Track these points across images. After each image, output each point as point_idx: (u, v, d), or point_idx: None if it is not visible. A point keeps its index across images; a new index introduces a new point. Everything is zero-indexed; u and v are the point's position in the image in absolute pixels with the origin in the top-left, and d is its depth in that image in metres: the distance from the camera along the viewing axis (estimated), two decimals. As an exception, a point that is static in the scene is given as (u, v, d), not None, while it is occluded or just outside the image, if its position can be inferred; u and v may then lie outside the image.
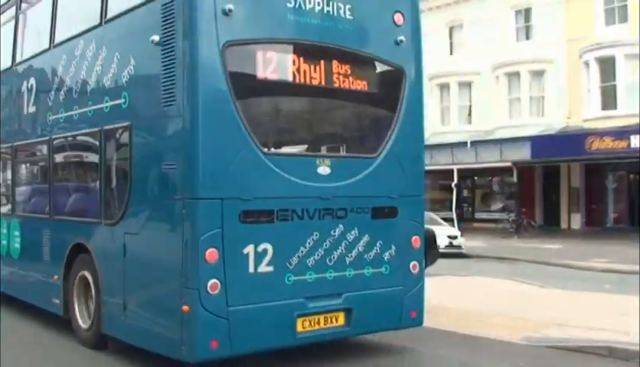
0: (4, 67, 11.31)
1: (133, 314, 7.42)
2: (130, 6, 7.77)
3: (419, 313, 8.22)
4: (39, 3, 10.51)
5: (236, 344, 6.72)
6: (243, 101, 6.91)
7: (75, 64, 8.90)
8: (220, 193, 6.70)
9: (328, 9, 7.61)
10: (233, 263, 6.73)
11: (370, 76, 8.22)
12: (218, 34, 6.75)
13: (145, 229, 7.41)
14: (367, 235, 7.74)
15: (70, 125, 9.09)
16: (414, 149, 8.32)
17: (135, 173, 7.58)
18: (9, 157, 11.17)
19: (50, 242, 9.50)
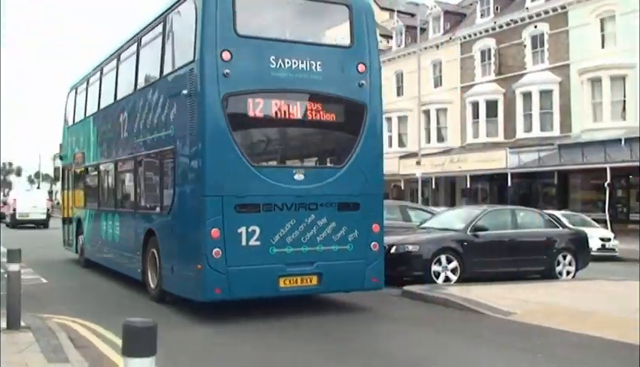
0: (106, 105, 16.57)
1: (176, 274, 11.34)
2: (173, 69, 11.97)
3: (379, 279, 11.54)
4: (127, 60, 15.03)
5: (233, 291, 10.32)
6: (237, 132, 10.66)
7: (147, 104, 13.10)
8: (220, 192, 10.35)
9: (302, 66, 11.16)
10: (231, 238, 10.33)
11: (337, 110, 11.74)
12: (219, 89, 10.46)
13: (181, 217, 11.25)
14: (334, 222, 11.14)
15: (145, 147, 13.34)
16: (374, 160, 11.76)
17: (177, 180, 11.47)
18: (112, 169, 16.09)
19: (134, 229, 13.86)
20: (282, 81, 11.04)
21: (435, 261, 14.44)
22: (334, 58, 11.65)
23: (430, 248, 14.51)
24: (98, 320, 10.19)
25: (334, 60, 11.61)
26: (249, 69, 10.84)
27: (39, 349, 7.77)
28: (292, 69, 11.10)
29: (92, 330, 9.61)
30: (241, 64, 10.70)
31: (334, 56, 11.70)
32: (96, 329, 9.69)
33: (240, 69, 10.67)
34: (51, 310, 11.12)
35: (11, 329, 8.81)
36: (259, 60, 10.91)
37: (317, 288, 11.25)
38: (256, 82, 10.89)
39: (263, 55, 10.96)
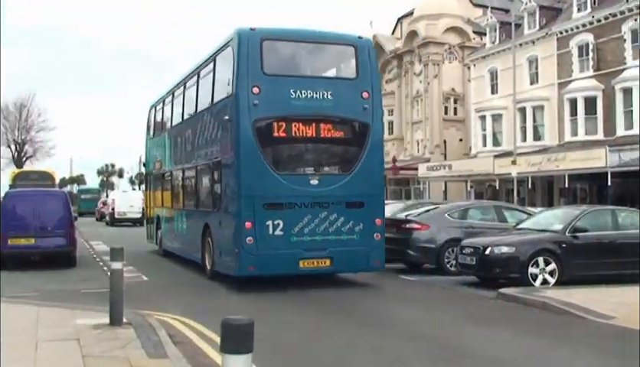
0: (176, 123, 20.44)
1: (222, 257, 14.71)
2: (218, 99, 15.48)
3: (380, 262, 14.70)
4: (190, 88, 18.53)
5: (263, 269, 13.77)
6: (264, 148, 14.07)
7: (203, 125, 16.77)
8: (252, 194, 13.77)
9: (315, 95, 14.38)
10: (260, 229, 13.72)
11: (345, 129, 14.98)
12: (250, 116, 13.93)
13: (225, 213, 14.68)
14: (343, 217, 14.25)
15: (201, 158, 17.01)
16: (376, 168, 14.93)
17: (222, 185, 15.05)
18: (180, 175, 19.82)
19: (195, 223, 17.41)
20: (299, 108, 14.34)
21: (533, 263, 14.08)
22: (342, 88, 14.96)
23: (527, 250, 14.17)
24: (195, 317, 10.46)
25: (343, 89, 14.88)
26: (274, 100, 14.17)
27: (140, 345, 8.03)
28: (307, 98, 14.38)
29: (190, 327, 9.86)
30: (267, 96, 14.08)
31: (342, 87, 15.04)
32: (193, 325, 9.93)
33: (266, 99, 14.07)
34: (151, 307, 11.49)
35: (113, 325, 9.14)
36: (281, 92, 14.20)
37: (329, 269, 14.52)
38: (279, 109, 14.27)
39: (284, 88, 14.26)
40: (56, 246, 18.58)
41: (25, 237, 18.41)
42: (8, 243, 18.30)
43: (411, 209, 20.57)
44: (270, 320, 10.26)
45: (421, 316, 11.17)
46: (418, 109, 53.43)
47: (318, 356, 8.21)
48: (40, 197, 19.40)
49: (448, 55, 51.80)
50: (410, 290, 14.47)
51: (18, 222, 18.56)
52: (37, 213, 18.65)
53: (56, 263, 18.76)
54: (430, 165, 47.35)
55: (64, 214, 19.01)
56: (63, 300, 12.36)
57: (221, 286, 14.81)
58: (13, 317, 9.93)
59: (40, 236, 18.44)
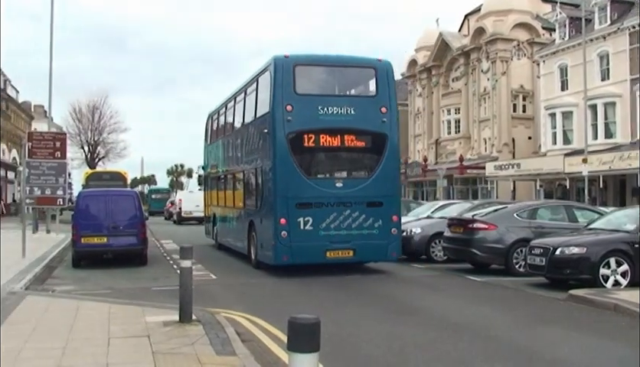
0: (227, 131, 23.30)
1: (263, 248, 17.30)
2: (260, 114, 17.88)
3: (397, 253, 17.12)
4: (239, 103, 21.09)
5: (295, 258, 16.17)
6: (296, 156, 16.47)
7: (248, 135, 19.45)
8: (286, 195, 16.24)
9: (340, 111, 16.78)
10: (293, 225, 16.13)
11: (366, 139, 17.22)
12: (284, 130, 16.36)
13: (265, 210, 17.21)
14: (364, 214, 16.57)
15: (246, 164, 19.58)
16: (393, 172, 17.28)
17: (263, 187, 17.59)
18: (230, 178, 22.53)
19: (242, 220, 19.98)
20: (326, 122, 16.77)
21: (604, 264, 13.74)
22: (363, 104, 17.42)
23: (598, 251, 13.83)
24: (262, 315, 10.59)
25: (364, 105, 17.34)
26: (304, 116, 16.61)
27: (208, 342, 8.17)
28: (333, 114, 16.80)
29: (257, 324, 9.99)
30: (299, 112, 16.57)
31: (363, 103, 17.52)
32: (260, 323, 10.06)
33: (298, 115, 16.56)
34: (219, 305, 11.68)
35: (183, 322, 9.32)
36: (311, 109, 16.67)
37: (353, 259, 16.82)
38: (309, 123, 16.70)
39: (313, 105, 16.74)
40: (128, 245, 19.01)
41: (98, 236, 18.87)
42: (82, 242, 18.81)
43: (478, 208, 20.33)
44: (336, 319, 10.30)
45: (489, 317, 11.04)
46: (485, 107, 52.71)
47: (381, 355, 8.21)
48: (112, 197, 19.85)
49: (517, 51, 50.95)
50: (477, 291, 14.31)
51: (92, 222, 19.05)
52: (110, 213, 19.11)
53: (128, 261, 19.23)
54: (498, 164, 46.67)
55: (136, 213, 19.46)
56: (134, 297, 12.69)
57: (285, 284, 15.04)
58: (87, 314, 10.24)
59: (112, 235, 18.89)
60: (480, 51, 52.61)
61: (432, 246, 20.01)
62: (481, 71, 52.67)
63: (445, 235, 18.37)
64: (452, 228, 17.98)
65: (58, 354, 7.47)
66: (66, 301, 11.85)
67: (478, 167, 49.40)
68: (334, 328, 9.46)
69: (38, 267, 17.07)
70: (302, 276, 16.31)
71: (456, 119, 56.81)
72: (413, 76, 63.35)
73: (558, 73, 44.69)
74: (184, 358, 7.32)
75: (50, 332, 8.78)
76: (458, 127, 56.56)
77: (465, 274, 16.87)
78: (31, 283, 14.57)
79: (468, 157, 52.06)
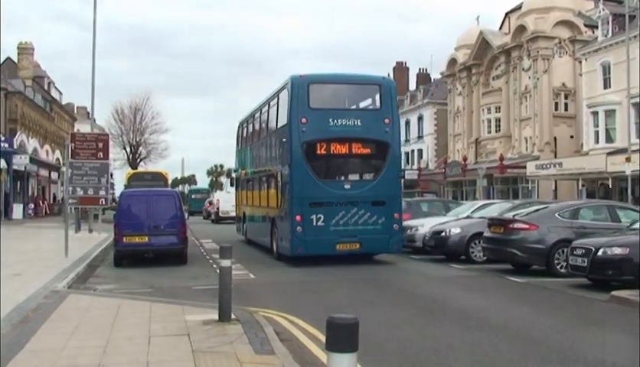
0: (254, 139, 25.85)
1: (282, 242, 19.60)
2: (280, 125, 20.27)
3: (398, 246, 19.49)
4: (263, 114, 23.81)
5: (309, 251, 18.43)
6: (310, 162, 18.82)
7: (270, 143, 22.02)
8: (301, 195, 18.60)
9: (348, 123, 19.15)
10: (307, 221, 18.43)
11: (371, 147, 19.59)
12: (300, 139, 18.74)
13: (284, 209, 19.47)
14: (369, 212, 18.86)
15: (269, 167, 22.18)
16: (394, 176, 19.49)
17: (281, 188, 19.90)
18: (257, 180, 25.00)
19: (266, 218, 22.44)
20: (336, 132, 19.24)
21: (648, 264, 13.47)
22: (369, 116, 19.92)
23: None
24: (301, 315, 10.63)
25: (370, 117, 19.82)
26: (317, 127, 19.03)
27: (247, 341, 8.22)
28: (342, 125, 19.26)
29: (295, 324, 10.03)
30: (312, 124, 18.99)
31: (369, 115, 20.01)
32: (299, 323, 10.10)
33: (311, 127, 18.98)
34: (258, 304, 11.74)
35: (222, 321, 9.39)
36: (322, 121, 19.10)
37: (359, 250, 19.15)
38: (321, 134, 19.16)
39: (325, 118, 19.18)
40: (168, 244, 19.17)
41: (140, 235, 19.07)
42: (124, 241, 19.05)
43: (519, 208, 20.12)
44: (372, 319, 10.29)
45: (529, 318, 10.92)
46: (527, 106, 52.10)
47: (418, 354, 8.17)
48: (153, 197, 20.04)
49: (559, 49, 50.28)
50: (517, 292, 14.16)
51: (133, 221, 19.25)
52: (151, 212, 19.30)
53: (168, 260, 19.42)
54: (539, 163, 46.08)
55: (176, 213, 19.64)
56: (174, 296, 12.84)
57: (323, 284, 15.07)
58: (128, 312, 10.38)
59: (153, 234, 19.09)
60: (521, 49, 52.03)
61: (471, 246, 19.84)
62: (522, 69, 52.09)
63: (484, 236, 18.19)
64: (492, 229, 17.81)
65: (99, 352, 7.58)
66: (107, 300, 12.03)
67: (518, 166, 48.85)
68: (370, 327, 9.45)
69: (80, 266, 17.31)
70: (338, 276, 16.32)
71: (497, 118, 56.25)
72: (453, 75, 62.92)
73: (600, 70, 43.98)
74: (224, 357, 7.38)
75: (91, 331, 8.93)
76: (498, 126, 56.01)
77: (505, 275, 16.70)
78: (74, 282, 14.79)
79: (509, 157, 51.52)
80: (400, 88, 78.25)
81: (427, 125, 70.86)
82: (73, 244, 21.09)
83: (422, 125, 72.15)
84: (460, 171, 55.29)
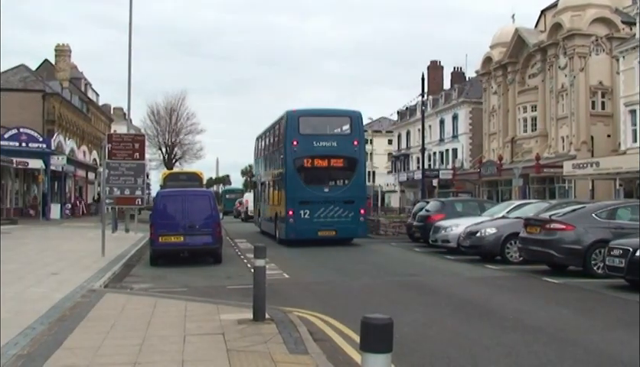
0: (265, 152, 34.07)
1: (281, 230, 27.57)
2: (280, 145, 28.54)
3: (364, 232, 27.78)
4: (270, 135, 32.43)
5: (298, 235, 26.29)
6: (300, 172, 26.96)
7: (275, 156, 30.18)
8: (293, 196, 26.61)
9: (327, 144, 27.16)
10: (297, 215, 26.43)
11: (344, 161, 27.33)
12: (293, 156, 26.92)
13: (282, 206, 27.20)
14: (342, 208, 26.64)
15: (274, 174, 30.16)
16: (361, 183, 27.76)
17: (281, 191, 27.92)
18: (267, 184, 32.68)
19: (272, 212, 30.22)
20: (319, 151, 26.78)
21: (688, 265, 13.24)
22: (342, 139, 27.37)
23: (681, 252, 13.33)
24: (335, 315, 10.64)
25: (343, 140, 27.28)
26: (304, 147, 26.55)
27: (281, 341, 8.25)
28: (323, 146, 26.85)
29: (329, 324, 10.04)
30: (301, 145, 26.49)
31: (342, 138, 27.44)
32: (333, 323, 10.10)
33: (300, 147, 26.53)
34: (292, 304, 11.79)
35: (256, 320, 9.44)
36: (309, 143, 26.65)
37: (335, 236, 26.35)
38: (307, 152, 26.66)
39: (310, 141, 26.71)
40: (203, 244, 19.31)
41: (175, 235, 19.23)
42: (160, 241, 19.20)
43: (555, 208, 19.91)
44: (407, 319, 10.29)
45: (565, 319, 10.80)
46: (563, 104, 51.46)
47: (453, 355, 8.12)
48: (188, 197, 20.16)
49: (595, 47, 49.53)
50: (554, 293, 14.00)
51: (169, 221, 19.41)
52: (186, 212, 19.44)
53: (203, 260, 19.59)
54: (576, 162, 45.43)
55: (211, 213, 19.74)
56: (209, 295, 12.92)
57: (358, 286, 15.06)
58: (164, 311, 10.48)
59: (189, 234, 19.22)
60: (557, 47, 51.42)
61: (507, 247, 19.66)
62: (559, 67, 51.47)
63: (520, 236, 18.02)
64: (528, 229, 17.64)
65: (135, 351, 7.67)
66: (143, 299, 12.16)
67: (555, 165, 48.26)
68: (405, 328, 9.42)
69: (117, 265, 17.55)
70: (373, 276, 16.36)
71: (533, 117, 55.66)
72: (488, 74, 62.39)
73: (638, 68, 43.26)
74: (258, 356, 7.42)
75: (127, 329, 9.04)
76: (534, 125, 55.42)
77: (542, 276, 16.53)
78: (110, 281, 15.03)
79: (545, 156, 50.95)
80: (434, 87, 78.10)
81: (462, 124, 70.34)
82: (110, 244, 21.34)
83: (456, 125, 71.65)
84: (495, 171, 54.77)
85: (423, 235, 26.16)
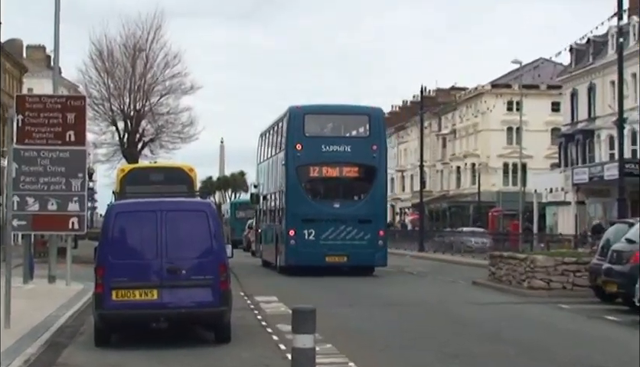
0: (269, 157, 30.03)
1: (280, 254, 25.09)
2: (279, 151, 26.55)
3: (383, 260, 24.06)
4: (272, 136, 28.66)
5: (301, 261, 23.48)
6: (303, 183, 24.82)
7: (276, 163, 26.82)
8: (295, 213, 24.02)
9: (339, 149, 24.26)
10: (299, 235, 23.66)
11: (359, 170, 24.69)
12: (295, 163, 24.32)
13: (283, 225, 24.74)
14: (356, 229, 23.44)
15: (277, 186, 26.83)
16: (380, 197, 24.92)
17: (285, 206, 24.94)
18: (268, 195, 29.46)
19: (273, 234, 26.70)
20: (328, 157, 23.97)
21: None
22: (358, 143, 24.70)
23: None
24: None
25: (359, 144, 24.51)
26: (311, 153, 23.79)
27: None
28: (334, 151, 23.89)
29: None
30: (307, 150, 23.71)
31: (358, 142, 24.80)
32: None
33: (306, 152, 23.69)
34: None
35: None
36: (316, 147, 23.94)
37: (346, 263, 23.45)
38: (314, 158, 23.94)
39: (318, 144, 24.10)
40: (196, 304, 11.61)
41: (143, 287, 11.38)
42: (114, 298, 11.12)
43: None
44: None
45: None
46: None
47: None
48: (168, 215, 11.77)
49: None
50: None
51: (132, 261, 11.62)
52: (164, 244, 11.45)
53: (195, 336, 12.23)
54: None
55: (210, 245, 11.44)
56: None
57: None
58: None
59: (168, 286, 11.36)
60: None
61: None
62: None
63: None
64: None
65: None
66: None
67: None
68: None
69: (33, 345, 11.08)
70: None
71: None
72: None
73: None
74: None
75: None
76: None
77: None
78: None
79: None
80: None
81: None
82: (21, 304, 13.49)
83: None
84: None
85: (625, 288, 16.23)
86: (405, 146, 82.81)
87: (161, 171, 26.89)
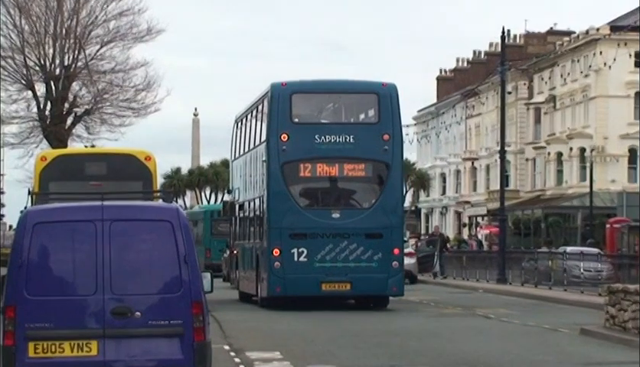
0: (246, 151, 23.67)
1: (262, 281, 19.88)
2: (258, 143, 20.74)
3: (399, 289, 19.44)
4: (248, 125, 23.40)
5: (289, 291, 18.86)
6: (291, 186, 19.37)
7: (255, 160, 21.45)
8: (280, 226, 19.07)
9: (338, 139, 19.18)
10: (286, 256, 18.79)
11: (365, 168, 19.68)
12: (279, 159, 19.22)
13: (265, 242, 19.69)
14: (363, 246, 18.79)
15: (256, 190, 21.41)
16: (394, 204, 19.60)
17: (267, 217, 19.74)
18: (245, 203, 23.44)
19: (252, 256, 21.72)
20: (323, 151, 19.35)
21: None
22: (363, 131, 19.92)
23: None
24: None
25: (364, 133, 19.82)
26: (300, 145, 19.34)
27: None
28: (331, 142, 19.24)
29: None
30: (295, 141, 19.17)
31: (363, 130, 20.02)
32: None
33: (294, 145, 19.13)
34: None
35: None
36: (307, 137, 19.44)
37: (350, 292, 19.32)
38: (305, 153, 19.40)
39: (310, 134, 19.48)
40: (156, 364, 7.92)
41: (75, 338, 7.62)
42: (30, 355, 7.02)
43: None
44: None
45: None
46: None
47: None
48: (113, 226, 7.57)
49: None
50: None
51: (58, 298, 7.62)
52: (107, 271, 7.31)
53: None
54: None
55: (179, 272, 7.30)
56: None
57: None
58: None
59: (113, 335, 7.43)
60: None
61: None
62: None
63: None
64: None
65: None
66: None
67: None
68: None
69: None
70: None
71: None
72: None
73: None
74: None
75: None
76: None
77: None
78: None
79: None
80: None
81: None
82: None
83: None
84: None
85: None
86: (476, 121, 61.69)
87: (103, 160, 19.37)
